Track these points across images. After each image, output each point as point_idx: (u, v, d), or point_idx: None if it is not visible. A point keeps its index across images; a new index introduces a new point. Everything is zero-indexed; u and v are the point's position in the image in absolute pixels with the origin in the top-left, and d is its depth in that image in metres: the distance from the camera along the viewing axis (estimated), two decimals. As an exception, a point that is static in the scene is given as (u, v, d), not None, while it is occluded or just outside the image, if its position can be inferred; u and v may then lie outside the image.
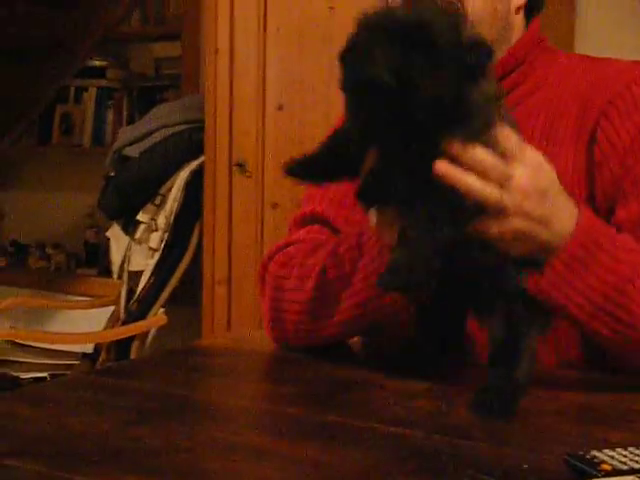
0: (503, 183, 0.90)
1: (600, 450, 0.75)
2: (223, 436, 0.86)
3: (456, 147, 0.88)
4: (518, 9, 1.22)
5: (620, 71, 1.17)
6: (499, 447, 0.83)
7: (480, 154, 0.89)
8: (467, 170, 0.88)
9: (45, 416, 0.91)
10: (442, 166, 0.87)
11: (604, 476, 0.71)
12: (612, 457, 0.74)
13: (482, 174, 0.89)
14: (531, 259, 0.96)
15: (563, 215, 0.95)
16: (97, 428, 0.87)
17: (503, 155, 0.90)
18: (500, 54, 1.20)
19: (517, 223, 0.92)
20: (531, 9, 1.25)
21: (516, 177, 0.91)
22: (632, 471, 0.71)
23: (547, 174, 0.94)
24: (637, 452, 0.75)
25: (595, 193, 1.12)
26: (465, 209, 0.89)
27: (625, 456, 0.74)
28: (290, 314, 1.16)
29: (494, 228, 0.91)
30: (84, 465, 0.76)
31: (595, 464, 0.73)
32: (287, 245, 1.21)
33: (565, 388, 1.02)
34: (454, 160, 0.88)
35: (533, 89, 1.21)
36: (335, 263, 1.10)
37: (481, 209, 0.90)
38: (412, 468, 0.77)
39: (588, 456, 0.74)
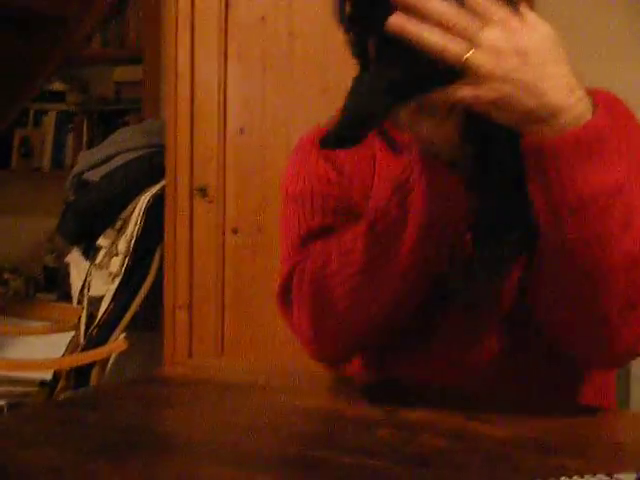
0: (471, 39, 0.84)
1: (557, 478, 0.76)
2: (183, 469, 0.85)
3: None
4: None
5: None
6: (458, 475, 0.83)
7: (439, 4, 0.83)
8: (427, 24, 0.83)
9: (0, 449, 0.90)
10: (396, 20, 0.83)
11: (561, 504, 0.71)
12: (569, 485, 0.75)
13: (445, 28, 0.83)
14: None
15: (557, 85, 0.86)
16: (53, 462, 0.85)
17: (472, 12, 0.84)
18: None
19: (493, 87, 0.85)
20: None
21: (487, 34, 0.84)
22: (588, 499, 0.72)
23: (532, 36, 0.86)
24: (593, 479, 0.76)
25: None
26: (427, 67, 0.84)
27: (582, 484, 0.75)
28: (340, 302, 1.08)
29: (467, 92, 0.85)
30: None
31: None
32: (305, 259, 1.13)
33: (519, 416, 1.03)
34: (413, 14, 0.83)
35: None
36: (380, 215, 1.04)
37: (453, 70, 0.84)
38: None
39: (552, 484, 0.75)
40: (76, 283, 3.07)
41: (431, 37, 0.83)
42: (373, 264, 1.06)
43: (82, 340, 2.91)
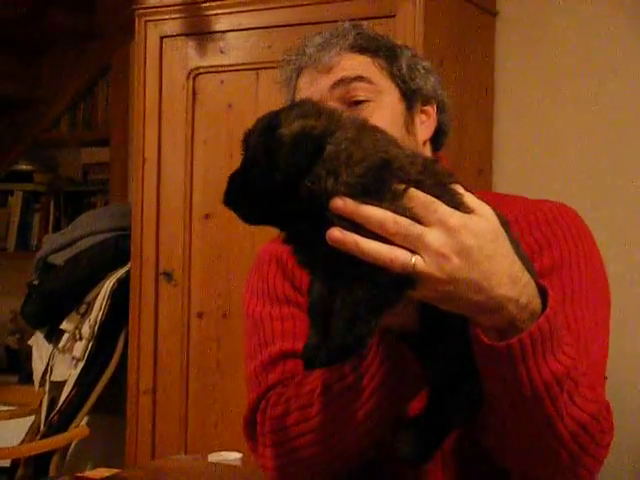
0: (414, 246, 0.85)
1: None
2: None
3: (347, 205, 0.85)
4: (424, 142, 1.27)
5: (522, 205, 1.23)
6: None
7: (377, 212, 0.85)
8: (367, 234, 0.85)
9: None
10: (334, 233, 0.84)
11: None
12: None
13: (386, 236, 0.85)
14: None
15: (501, 279, 0.89)
16: None
17: (414, 218, 0.86)
18: None
19: (438, 288, 0.87)
20: (434, 144, 1.30)
21: (429, 238, 0.85)
22: None
23: (474, 230, 0.87)
24: None
25: None
26: (376, 278, 0.86)
27: None
28: (302, 450, 1.10)
29: (414, 293, 0.87)
30: None
31: None
32: (268, 390, 1.16)
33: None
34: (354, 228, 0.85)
35: None
36: (337, 376, 1.06)
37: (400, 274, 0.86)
38: None
39: None
40: (38, 366, 3.03)
41: (374, 248, 0.84)
42: (331, 421, 1.08)
43: (42, 426, 2.86)
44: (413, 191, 0.87)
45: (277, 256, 1.29)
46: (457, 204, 0.89)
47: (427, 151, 1.28)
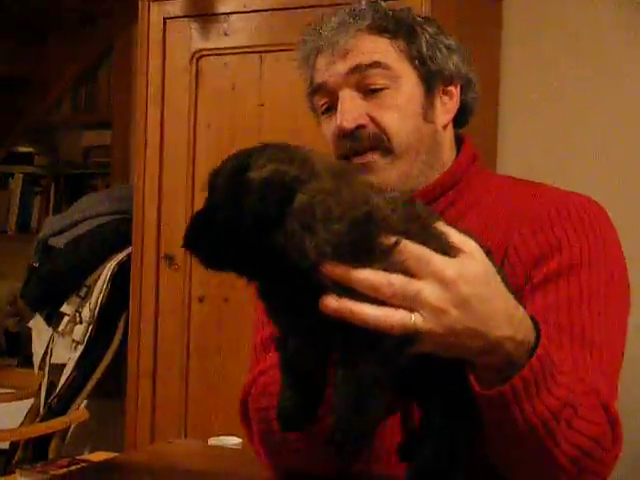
0: (412, 303, 0.83)
1: None
2: None
3: (337, 271, 0.80)
4: (445, 126, 1.25)
5: (546, 196, 1.21)
6: None
7: (370, 275, 0.81)
8: (361, 299, 0.81)
9: None
10: (329, 302, 0.80)
11: None
12: None
13: (382, 298, 0.82)
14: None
15: (498, 321, 0.88)
16: None
17: (406, 272, 0.83)
18: (432, 173, 1.23)
19: (437, 341, 0.85)
20: (458, 122, 1.28)
21: (425, 295, 0.83)
22: None
23: (468, 277, 0.86)
24: None
25: None
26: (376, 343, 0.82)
27: None
28: (288, 443, 1.09)
29: (415, 348, 0.85)
30: None
31: None
32: (261, 374, 1.16)
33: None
34: (346, 292, 0.80)
35: (468, 208, 1.24)
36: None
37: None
38: None
39: None
40: (38, 349, 3.02)
41: (371, 314, 0.81)
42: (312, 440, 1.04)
43: (42, 409, 2.85)
44: (403, 245, 0.83)
45: None
46: (445, 247, 0.87)
47: (448, 135, 1.26)
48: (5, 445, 2.87)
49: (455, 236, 0.88)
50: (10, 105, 3.56)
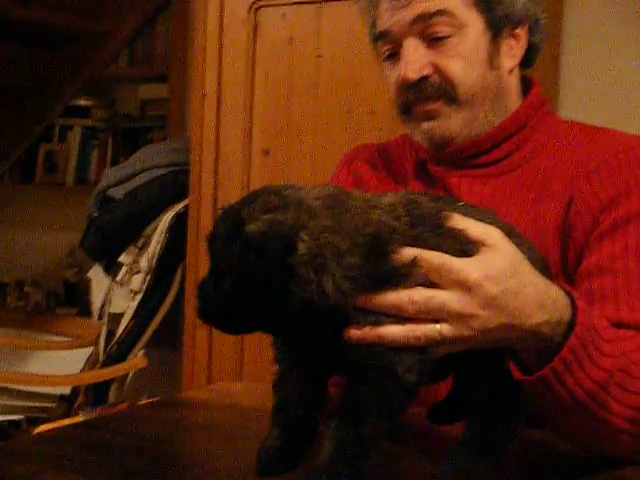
0: (438, 315, 0.82)
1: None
2: None
3: (360, 303, 0.80)
4: (510, 71, 1.23)
5: (614, 141, 1.18)
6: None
7: (389, 298, 0.81)
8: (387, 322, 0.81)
9: (27, 473, 0.89)
10: (354, 333, 0.80)
11: None
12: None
13: (408, 316, 0.81)
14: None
15: (531, 310, 0.86)
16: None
17: (430, 284, 0.82)
18: (496, 119, 1.22)
19: (471, 342, 0.85)
20: (524, 63, 1.26)
21: (449, 304, 0.82)
22: None
23: (495, 279, 0.84)
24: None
25: (568, 253, 1.14)
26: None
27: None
28: None
29: (447, 349, 0.84)
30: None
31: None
32: None
33: (552, 447, 1.01)
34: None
35: (532, 153, 1.22)
36: None
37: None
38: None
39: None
40: (97, 299, 3.08)
41: (396, 333, 0.80)
42: None
43: (101, 356, 2.91)
44: (420, 259, 0.82)
45: (350, 161, 1.33)
46: (463, 245, 0.85)
47: (514, 79, 1.24)
48: (67, 390, 2.94)
49: (474, 230, 0.86)
50: (68, 57, 3.58)
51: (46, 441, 1.06)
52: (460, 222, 0.86)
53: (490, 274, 0.83)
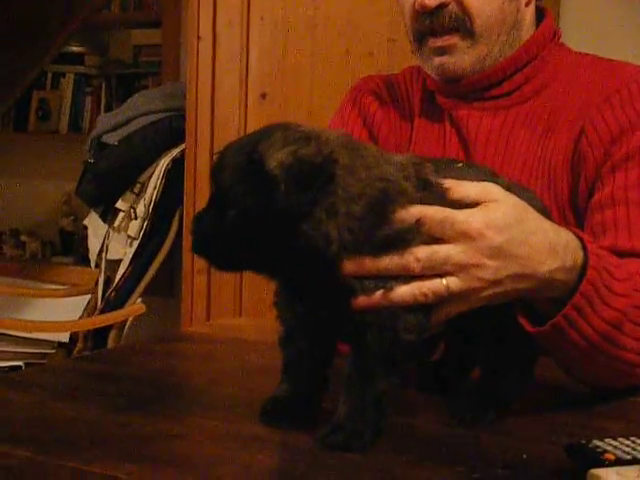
0: (444, 270, 0.81)
1: (602, 439, 0.74)
2: (215, 424, 0.84)
3: (361, 266, 0.78)
4: (527, 3, 1.21)
5: (625, 73, 1.17)
6: (499, 437, 0.82)
7: (394, 260, 0.79)
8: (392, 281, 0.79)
9: (33, 402, 0.89)
10: (361, 301, 0.78)
11: (608, 465, 0.70)
12: (615, 447, 0.73)
13: (414, 275, 0.80)
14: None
15: (540, 257, 0.85)
16: (86, 414, 0.85)
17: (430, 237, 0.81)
18: (510, 52, 1.20)
19: (483, 293, 0.83)
20: None
21: (453, 257, 0.81)
22: (636, 461, 0.71)
23: (499, 227, 0.83)
24: (639, 442, 0.74)
25: (579, 186, 1.13)
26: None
27: (628, 446, 0.73)
28: None
29: (460, 307, 0.84)
30: (75, 451, 0.74)
31: (598, 453, 0.72)
32: None
33: (556, 382, 1.01)
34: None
35: (544, 85, 1.21)
36: None
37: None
38: (411, 459, 0.75)
39: (590, 445, 0.73)
40: (94, 246, 3.06)
41: (403, 293, 0.79)
42: None
43: (99, 303, 2.90)
44: (423, 215, 0.80)
45: (358, 99, 1.30)
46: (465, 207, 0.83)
47: (530, 11, 1.22)
48: (65, 338, 2.94)
49: (472, 192, 0.84)
50: (60, 4, 3.52)
51: (51, 372, 1.06)
52: (457, 190, 0.84)
53: (493, 223, 0.82)
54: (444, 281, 0.81)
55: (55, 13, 3.52)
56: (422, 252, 0.80)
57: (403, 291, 0.80)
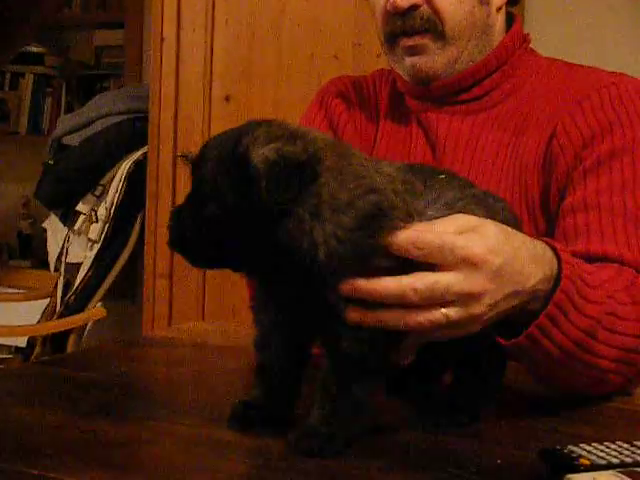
0: (444, 299, 0.77)
1: (576, 445, 0.74)
2: (183, 429, 0.82)
3: (357, 287, 0.75)
4: (499, 8, 1.21)
5: (597, 78, 1.17)
6: (471, 442, 0.81)
7: (391, 285, 0.76)
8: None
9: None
10: (353, 314, 0.75)
11: (583, 470, 0.69)
12: (589, 452, 0.72)
13: (410, 305, 0.76)
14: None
15: (528, 269, 0.83)
16: (50, 420, 0.82)
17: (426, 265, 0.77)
18: (480, 57, 1.20)
19: (482, 319, 0.80)
20: (510, 2, 1.24)
21: (457, 285, 0.77)
22: (611, 466, 0.70)
23: (496, 250, 0.80)
24: (613, 447, 0.74)
25: (550, 188, 1.13)
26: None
27: (602, 451, 0.73)
28: None
29: (450, 334, 0.80)
30: (40, 458, 0.72)
31: (573, 458, 0.71)
32: None
33: (529, 387, 1.01)
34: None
35: (513, 89, 1.21)
36: None
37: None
38: (384, 464, 0.74)
39: (565, 451, 0.73)
40: (53, 249, 3.01)
41: (397, 319, 0.76)
42: None
43: (59, 307, 2.85)
44: (419, 239, 0.76)
45: (325, 100, 1.30)
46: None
47: (500, 17, 1.22)
48: (23, 342, 2.89)
49: (450, 229, 0.79)
50: (20, 2, 3.47)
51: (10, 377, 1.03)
52: (422, 240, 0.78)
53: (491, 246, 0.79)
54: (443, 310, 0.77)
55: (14, 12, 3.46)
56: (421, 282, 0.76)
57: (396, 317, 0.76)
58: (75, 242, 2.86)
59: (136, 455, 0.75)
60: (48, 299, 3.00)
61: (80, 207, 2.82)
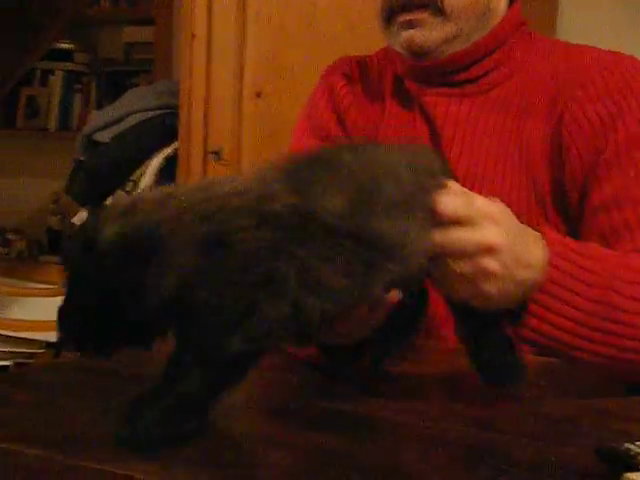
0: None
1: (632, 443, 0.72)
2: (233, 424, 0.81)
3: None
4: None
5: (596, 58, 1.16)
6: (524, 440, 0.79)
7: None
8: None
9: (41, 400, 0.86)
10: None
11: (642, 469, 0.68)
12: (647, 450, 0.71)
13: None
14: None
15: (532, 243, 0.87)
16: (97, 411, 0.82)
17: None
18: (479, 37, 1.20)
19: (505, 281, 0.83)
20: None
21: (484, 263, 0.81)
22: (670, 464, 0.69)
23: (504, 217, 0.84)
24: (670, 445, 0.72)
25: (564, 179, 1.12)
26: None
27: (659, 449, 0.71)
28: None
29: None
30: (86, 449, 0.71)
31: (630, 457, 0.70)
32: None
33: (573, 386, 0.99)
34: None
35: (512, 71, 1.21)
36: None
37: None
38: (440, 462, 0.73)
39: (622, 448, 0.71)
40: (83, 245, 3.02)
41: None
42: None
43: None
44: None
45: (330, 82, 1.31)
46: None
47: (501, 3, 1.22)
48: (53, 337, 2.90)
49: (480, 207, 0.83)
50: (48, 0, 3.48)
51: (53, 370, 1.03)
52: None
53: (492, 221, 0.82)
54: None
55: (44, 7, 3.48)
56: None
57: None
58: (105, 238, 2.87)
59: (177, 446, 0.74)
60: (77, 294, 3.01)
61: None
